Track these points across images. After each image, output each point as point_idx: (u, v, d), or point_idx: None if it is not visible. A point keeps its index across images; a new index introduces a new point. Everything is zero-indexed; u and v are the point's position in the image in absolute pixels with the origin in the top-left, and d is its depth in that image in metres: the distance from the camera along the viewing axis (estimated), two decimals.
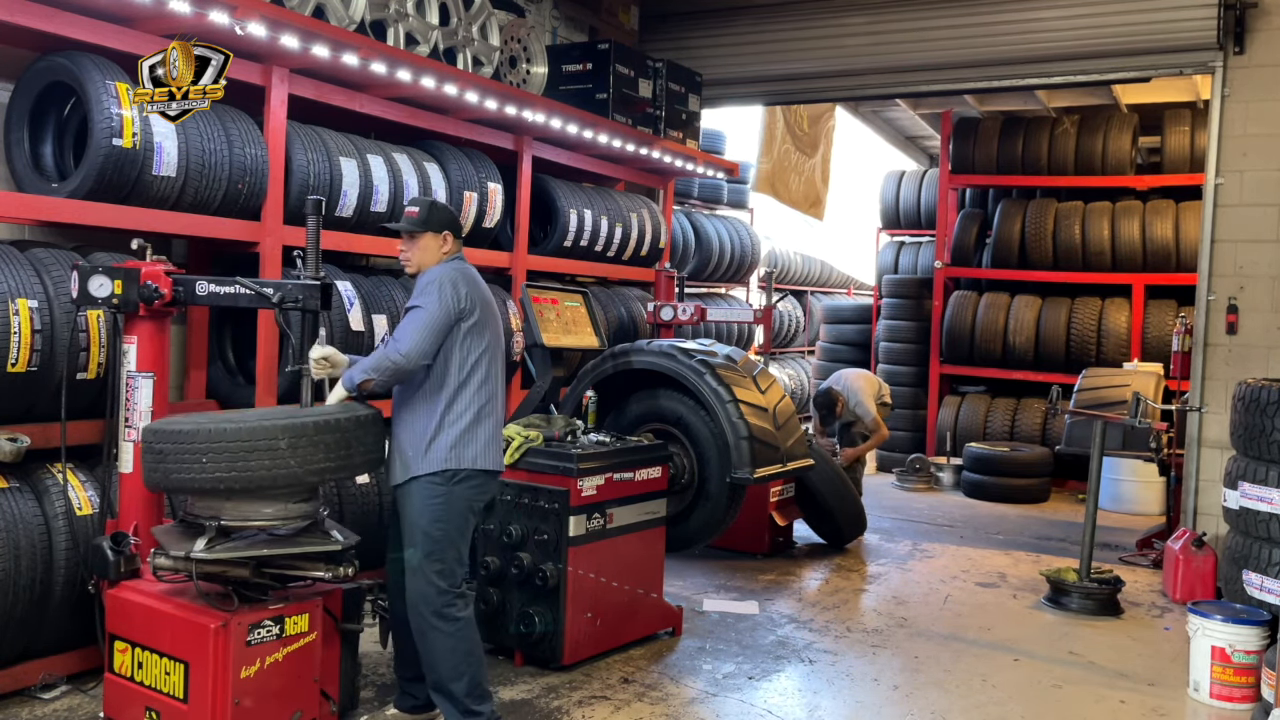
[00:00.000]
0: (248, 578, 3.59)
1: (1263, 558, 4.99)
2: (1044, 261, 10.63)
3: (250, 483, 3.41)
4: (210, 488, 3.44)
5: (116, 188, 4.33)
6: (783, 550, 7.26)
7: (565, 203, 7.05)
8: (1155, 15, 6.94)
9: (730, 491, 5.35)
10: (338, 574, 3.67)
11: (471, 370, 3.80)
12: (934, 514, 8.95)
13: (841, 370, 8.75)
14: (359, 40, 5.12)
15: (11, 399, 3.98)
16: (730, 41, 8.37)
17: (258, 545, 3.57)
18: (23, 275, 3.98)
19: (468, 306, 3.79)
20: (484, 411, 3.83)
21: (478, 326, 3.82)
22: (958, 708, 4.54)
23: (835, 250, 17.43)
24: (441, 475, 3.75)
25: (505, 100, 6.07)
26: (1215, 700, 4.67)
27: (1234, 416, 5.36)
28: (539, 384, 5.57)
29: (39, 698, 4.05)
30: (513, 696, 4.41)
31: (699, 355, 5.39)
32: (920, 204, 12.62)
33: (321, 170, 5.20)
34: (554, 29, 7.78)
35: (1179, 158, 10.44)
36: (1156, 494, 9.00)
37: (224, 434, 3.40)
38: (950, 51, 7.63)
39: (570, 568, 4.61)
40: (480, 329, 3.83)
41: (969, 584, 6.64)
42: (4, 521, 3.87)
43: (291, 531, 3.67)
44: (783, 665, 5.00)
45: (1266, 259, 6.57)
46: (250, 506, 3.54)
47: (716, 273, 11.59)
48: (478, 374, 3.82)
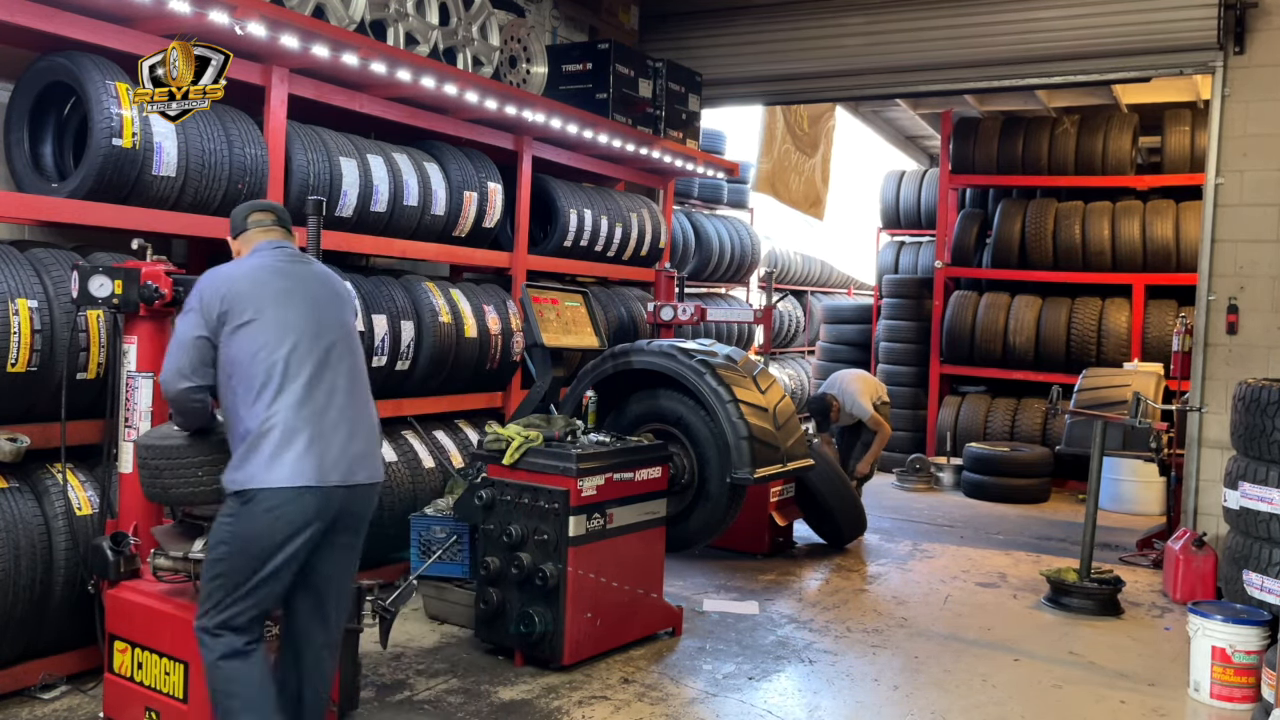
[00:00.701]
0: None
1: (1263, 558, 4.99)
2: (1044, 261, 10.63)
3: None
4: (209, 499, 3.46)
5: (116, 188, 4.33)
6: (783, 550, 7.26)
7: (565, 203, 7.05)
8: (1155, 15, 6.94)
9: (730, 491, 5.35)
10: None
11: (268, 374, 3.18)
12: (934, 514, 8.95)
13: (839, 372, 8.76)
14: (359, 40, 5.12)
15: (11, 399, 3.98)
16: (730, 41, 8.37)
17: None
18: (23, 275, 3.98)
19: (225, 309, 3.21)
20: (297, 418, 3.17)
21: (254, 325, 3.21)
22: (958, 708, 4.54)
23: (835, 250, 17.43)
24: (235, 497, 3.18)
25: (505, 100, 6.07)
26: (1215, 700, 4.66)
27: (1234, 416, 5.36)
28: (539, 384, 5.57)
29: (39, 698, 4.05)
30: (513, 696, 4.41)
31: (699, 355, 5.39)
32: (920, 204, 12.62)
33: (321, 170, 5.21)
34: (554, 29, 7.78)
35: (1179, 158, 10.44)
36: (1157, 494, 9.00)
37: (220, 445, 3.41)
38: (950, 51, 7.63)
39: (570, 568, 4.61)
40: (263, 327, 3.21)
41: (969, 584, 6.64)
42: (4, 521, 3.87)
43: None
44: (783, 665, 5.00)
45: (1266, 259, 6.57)
46: None
47: (716, 273, 11.59)
48: (274, 378, 3.17)
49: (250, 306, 3.23)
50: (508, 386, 6.60)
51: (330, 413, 3.23)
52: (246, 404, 3.17)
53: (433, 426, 6.10)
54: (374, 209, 5.52)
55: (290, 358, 3.20)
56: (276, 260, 3.40)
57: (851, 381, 8.38)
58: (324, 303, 3.40)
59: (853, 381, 8.38)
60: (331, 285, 3.51)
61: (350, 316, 3.53)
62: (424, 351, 5.77)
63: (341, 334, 3.39)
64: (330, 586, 3.37)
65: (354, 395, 3.34)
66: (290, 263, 3.42)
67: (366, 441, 3.35)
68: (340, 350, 3.35)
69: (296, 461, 3.12)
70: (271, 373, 3.17)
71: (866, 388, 8.35)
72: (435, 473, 5.81)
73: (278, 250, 3.44)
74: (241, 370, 3.19)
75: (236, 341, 3.21)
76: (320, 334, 3.30)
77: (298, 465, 3.13)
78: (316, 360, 3.26)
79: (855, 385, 8.32)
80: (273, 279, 3.32)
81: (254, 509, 3.11)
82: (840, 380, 8.46)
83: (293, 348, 3.22)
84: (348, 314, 3.52)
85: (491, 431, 4.95)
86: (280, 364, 3.19)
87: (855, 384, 8.34)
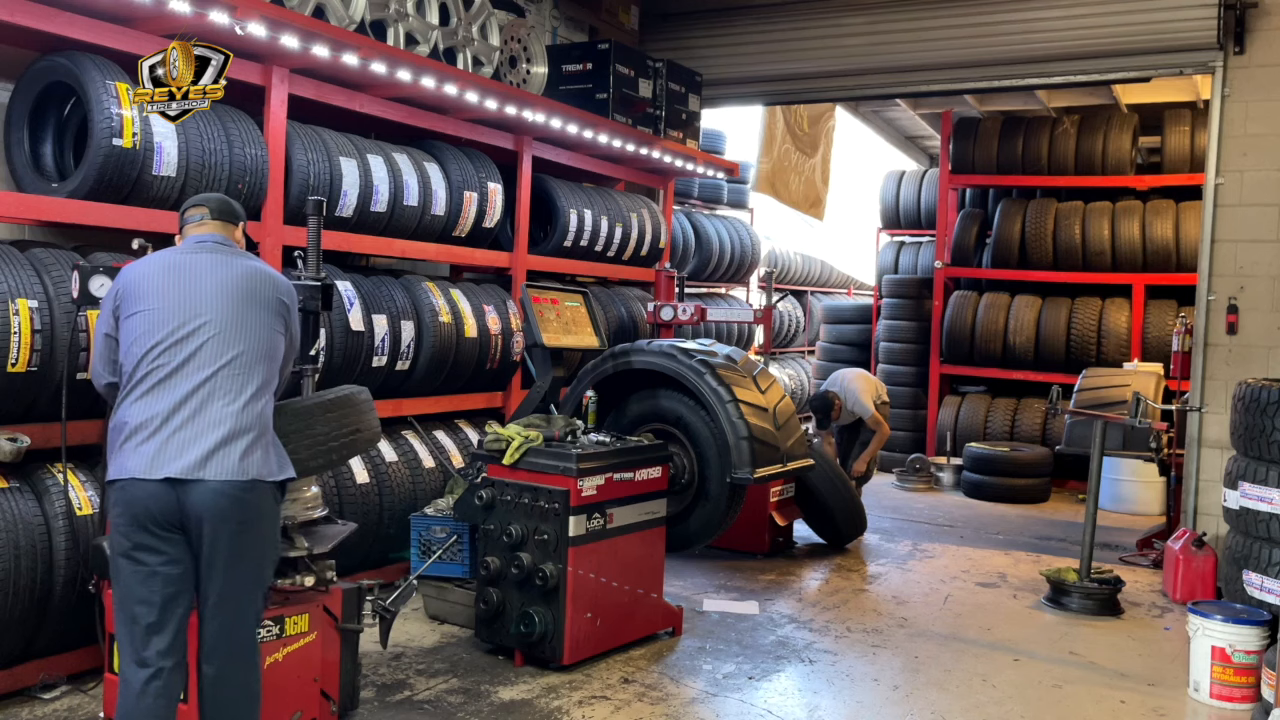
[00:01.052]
0: None
1: (1263, 558, 4.99)
2: (1044, 261, 10.63)
3: None
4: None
5: (116, 188, 4.33)
6: (783, 550, 7.26)
7: (565, 203, 7.05)
8: (1155, 15, 6.94)
9: (730, 491, 5.35)
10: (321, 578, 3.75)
11: (138, 363, 3.14)
12: (934, 514, 8.95)
13: (840, 371, 8.80)
14: (359, 40, 5.12)
15: (11, 399, 3.98)
16: (730, 41, 8.37)
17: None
18: (23, 275, 3.98)
19: (118, 303, 3.24)
20: (159, 406, 3.09)
21: (139, 316, 3.18)
22: (958, 708, 4.54)
23: (835, 250, 17.44)
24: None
25: (505, 100, 6.07)
26: (1215, 700, 4.66)
27: (1234, 416, 5.36)
28: (539, 384, 5.58)
29: (39, 698, 4.05)
30: (513, 696, 4.41)
31: (699, 355, 5.39)
32: (920, 204, 12.62)
33: (321, 170, 5.21)
34: (554, 29, 7.78)
35: (1179, 158, 10.44)
36: (1156, 494, 9.00)
37: (296, 415, 3.55)
38: (950, 51, 7.63)
39: (570, 568, 4.61)
40: (145, 317, 3.17)
41: (969, 584, 6.64)
42: (4, 521, 3.87)
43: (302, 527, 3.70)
44: (783, 665, 5.00)
45: (1266, 259, 6.57)
46: None
47: (716, 273, 11.59)
48: (143, 365, 3.13)
49: (136, 300, 3.19)
50: (508, 386, 6.60)
51: (183, 409, 3.10)
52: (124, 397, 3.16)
53: (433, 426, 6.10)
54: (374, 209, 5.52)
55: (152, 352, 3.13)
56: (181, 254, 3.31)
57: (853, 380, 8.45)
58: (218, 295, 3.24)
59: (854, 380, 8.46)
60: (252, 281, 3.32)
61: (267, 314, 3.32)
62: (424, 351, 5.77)
63: (226, 329, 3.20)
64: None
65: (217, 392, 3.15)
66: (194, 254, 3.30)
67: (221, 440, 3.12)
68: (218, 345, 3.18)
69: (134, 452, 3.07)
70: (145, 360, 3.13)
71: (868, 386, 8.43)
72: (435, 473, 5.81)
73: (197, 244, 3.35)
74: (125, 363, 3.18)
75: (121, 334, 3.21)
76: (194, 328, 3.17)
77: (136, 457, 3.06)
78: (183, 354, 3.14)
79: (857, 384, 8.40)
80: (161, 273, 3.24)
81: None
82: (842, 379, 8.53)
83: (158, 342, 3.13)
84: (263, 311, 3.31)
85: (491, 431, 4.95)
86: (144, 357, 3.13)
87: (857, 382, 8.42)
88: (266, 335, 3.30)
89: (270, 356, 3.30)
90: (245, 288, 3.29)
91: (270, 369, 3.29)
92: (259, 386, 3.23)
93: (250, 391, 3.20)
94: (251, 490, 3.12)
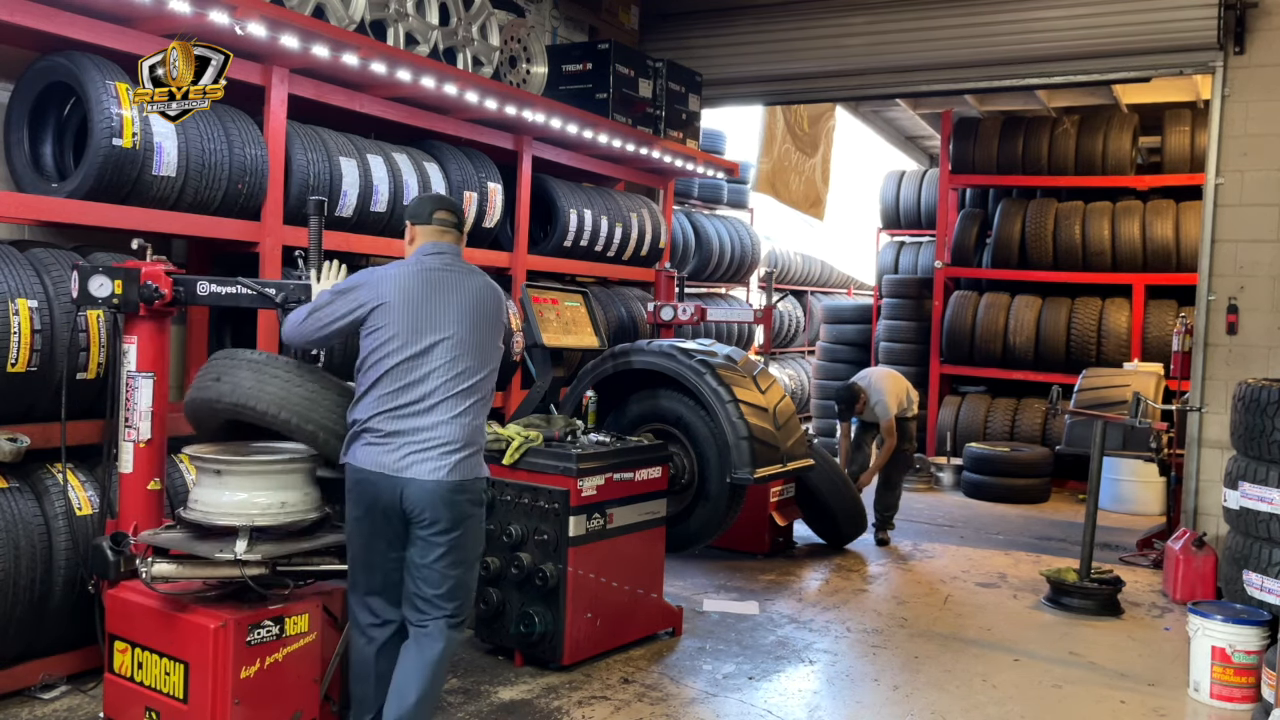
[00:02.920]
0: (267, 576, 3.59)
1: (1263, 558, 4.99)
2: (1044, 261, 10.63)
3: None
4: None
5: (116, 188, 4.33)
6: (783, 550, 7.26)
7: (565, 203, 7.05)
8: (1155, 15, 6.94)
9: (730, 491, 5.35)
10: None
11: (384, 372, 3.55)
12: (934, 514, 8.95)
13: (871, 368, 8.51)
14: (359, 40, 5.11)
15: (11, 399, 3.98)
16: (730, 41, 8.37)
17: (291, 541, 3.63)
18: (23, 275, 3.98)
19: (371, 305, 3.59)
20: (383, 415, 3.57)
21: (389, 325, 3.56)
22: (958, 708, 4.54)
23: (835, 250, 17.44)
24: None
25: (505, 100, 6.07)
26: (1215, 700, 4.66)
27: (1234, 416, 5.36)
28: (539, 384, 5.57)
29: (39, 698, 4.05)
30: (513, 696, 4.41)
31: (699, 355, 5.39)
32: (920, 204, 12.63)
33: (321, 170, 5.20)
34: (554, 29, 7.78)
35: (1179, 158, 10.44)
36: (1156, 494, 9.00)
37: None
38: (950, 51, 7.63)
39: (570, 568, 4.61)
40: (394, 326, 3.55)
41: (969, 584, 6.64)
42: (4, 521, 3.87)
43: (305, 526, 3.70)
44: (783, 665, 5.00)
45: (1266, 259, 6.57)
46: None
47: (716, 273, 11.59)
48: (387, 370, 3.55)
49: (386, 311, 3.46)
50: (508, 386, 6.60)
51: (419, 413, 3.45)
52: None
53: None
54: (374, 209, 5.52)
55: (396, 361, 3.45)
56: (433, 270, 3.57)
57: (882, 379, 7.89)
58: (460, 312, 3.55)
59: (883, 379, 7.88)
60: (483, 297, 3.63)
61: (494, 334, 3.66)
62: None
63: (459, 340, 3.52)
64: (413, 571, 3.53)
65: (450, 400, 3.48)
66: (444, 271, 3.59)
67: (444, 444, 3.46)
68: (448, 354, 3.49)
69: (363, 449, 3.45)
70: (384, 374, 3.45)
71: (896, 388, 7.81)
72: None
73: (447, 260, 3.62)
74: (369, 366, 3.49)
75: (365, 338, 3.50)
76: (434, 341, 3.48)
77: (364, 453, 3.44)
78: (420, 364, 3.47)
79: (885, 384, 7.82)
80: (420, 286, 3.52)
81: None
82: (872, 374, 8.02)
83: (402, 350, 3.44)
84: (491, 332, 3.65)
85: (491, 431, 4.95)
86: (391, 366, 3.45)
87: (885, 382, 7.84)
88: (492, 352, 3.65)
89: (494, 371, 3.66)
90: (479, 305, 3.60)
91: (490, 382, 3.64)
92: (479, 399, 3.57)
93: (474, 400, 3.54)
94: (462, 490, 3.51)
